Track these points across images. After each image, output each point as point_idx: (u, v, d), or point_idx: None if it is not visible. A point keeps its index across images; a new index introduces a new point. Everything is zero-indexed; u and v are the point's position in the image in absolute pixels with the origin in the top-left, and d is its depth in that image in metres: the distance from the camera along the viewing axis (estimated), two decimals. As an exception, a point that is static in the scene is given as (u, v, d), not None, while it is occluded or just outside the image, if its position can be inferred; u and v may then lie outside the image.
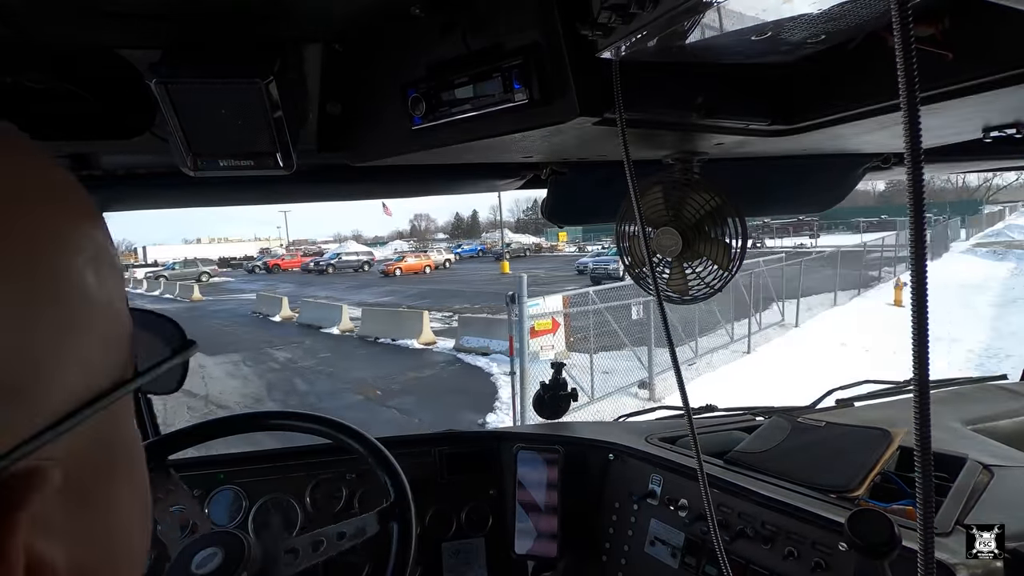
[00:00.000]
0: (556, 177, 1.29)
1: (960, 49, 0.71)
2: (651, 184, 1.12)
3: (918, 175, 0.39)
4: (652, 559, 1.20)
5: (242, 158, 0.89)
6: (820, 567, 0.92)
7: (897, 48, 0.37)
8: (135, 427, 0.33)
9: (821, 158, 1.35)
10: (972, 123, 1.02)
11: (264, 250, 64.64)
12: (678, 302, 1.19)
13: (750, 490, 1.07)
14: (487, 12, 0.78)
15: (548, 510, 1.41)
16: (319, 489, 1.44)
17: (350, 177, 1.22)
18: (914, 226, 0.39)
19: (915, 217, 0.39)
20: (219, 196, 1.36)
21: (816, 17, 0.68)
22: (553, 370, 1.71)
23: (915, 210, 0.39)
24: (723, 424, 1.52)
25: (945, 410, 1.54)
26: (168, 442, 1.07)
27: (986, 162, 1.64)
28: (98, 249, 0.28)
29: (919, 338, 0.39)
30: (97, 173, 1.14)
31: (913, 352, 0.39)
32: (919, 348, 0.39)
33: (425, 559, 1.47)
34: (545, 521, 1.41)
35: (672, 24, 0.60)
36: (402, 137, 0.91)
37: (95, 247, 0.28)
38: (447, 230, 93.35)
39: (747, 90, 0.93)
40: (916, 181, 0.39)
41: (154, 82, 0.79)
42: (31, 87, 0.81)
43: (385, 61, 0.91)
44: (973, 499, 0.96)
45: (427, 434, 1.61)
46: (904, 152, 0.39)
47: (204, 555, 0.85)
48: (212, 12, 0.76)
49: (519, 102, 0.78)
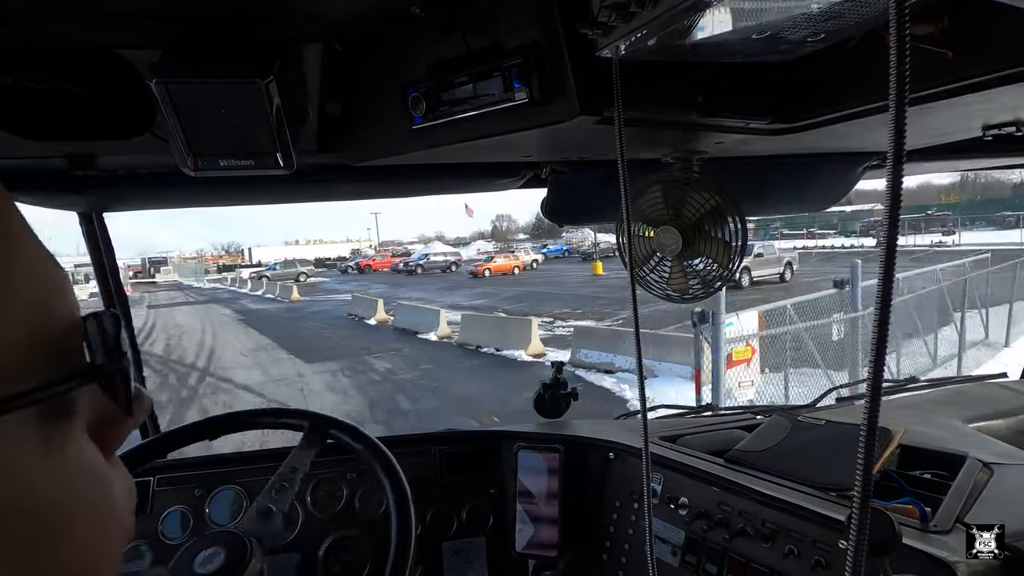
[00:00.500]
0: (556, 176, 1.29)
1: (959, 48, 0.71)
2: (651, 183, 1.12)
3: (898, 173, 0.39)
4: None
5: (242, 158, 0.89)
6: (820, 565, 0.92)
7: (892, 45, 0.37)
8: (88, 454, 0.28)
9: (821, 157, 1.35)
10: (971, 121, 1.02)
11: (355, 251, 66.14)
12: (678, 301, 1.20)
13: (750, 488, 1.07)
14: (487, 11, 0.78)
15: (549, 509, 1.41)
16: (319, 489, 1.44)
17: (350, 177, 1.22)
18: (888, 224, 0.39)
19: (891, 216, 0.39)
20: (219, 196, 1.36)
21: (816, 16, 0.68)
22: (553, 369, 1.71)
23: (891, 210, 0.39)
24: (723, 423, 1.52)
25: (945, 408, 1.54)
26: (167, 441, 1.07)
27: (985, 160, 1.64)
28: None
29: (879, 337, 0.40)
30: (97, 173, 1.14)
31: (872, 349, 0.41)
32: (878, 349, 0.40)
33: (425, 558, 1.48)
34: (546, 520, 1.41)
35: (672, 23, 0.60)
36: (402, 137, 0.91)
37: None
38: (528, 230, 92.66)
39: (747, 89, 0.93)
40: (896, 180, 0.39)
41: (154, 82, 0.79)
42: (31, 87, 0.81)
43: (385, 61, 0.91)
44: (973, 497, 0.96)
45: (427, 433, 1.61)
46: (887, 150, 0.39)
47: (206, 555, 0.85)
48: (212, 12, 0.76)
49: (519, 101, 0.78)
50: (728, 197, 1.07)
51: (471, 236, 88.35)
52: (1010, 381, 1.91)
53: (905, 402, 1.74)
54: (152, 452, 1.06)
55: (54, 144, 0.92)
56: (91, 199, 1.28)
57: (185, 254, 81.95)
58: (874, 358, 0.41)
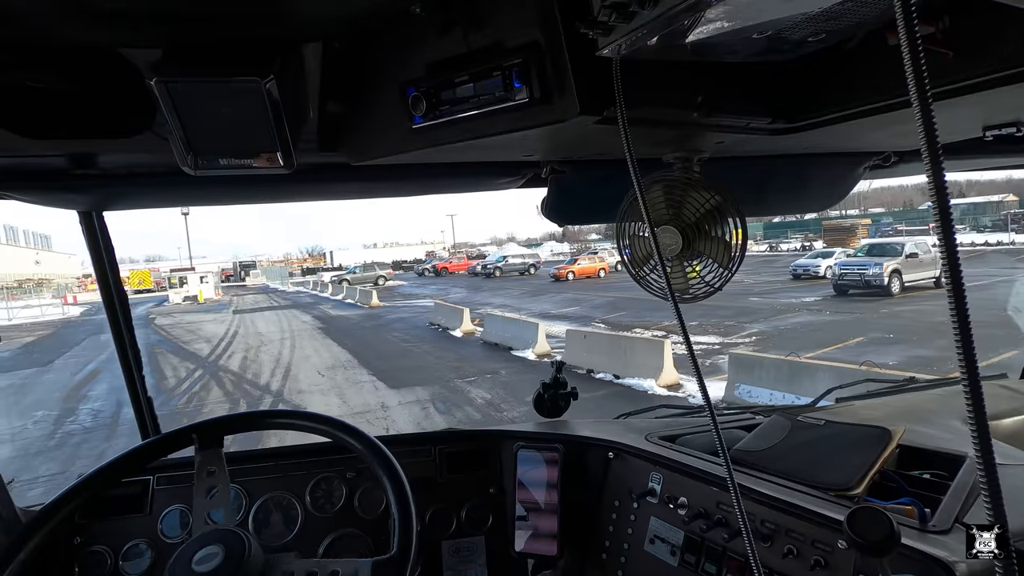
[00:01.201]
0: (556, 176, 1.29)
1: (960, 48, 0.71)
2: (651, 183, 1.12)
3: (938, 171, 0.39)
4: (652, 557, 1.20)
5: (242, 157, 0.89)
6: (819, 565, 0.92)
7: (904, 46, 0.37)
8: None
9: (822, 157, 1.35)
10: (972, 122, 1.02)
11: (429, 253, 65.83)
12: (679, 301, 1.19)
13: (750, 488, 1.07)
14: (487, 11, 0.78)
15: (548, 508, 1.41)
16: (319, 488, 1.44)
17: (350, 176, 1.22)
18: (940, 222, 0.39)
19: (941, 215, 0.39)
20: (219, 195, 1.36)
21: (817, 16, 0.68)
22: (553, 368, 1.71)
23: (940, 207, 0.39)
24: (723, 423, 1.52)
25: (945, 408, 1.54)
26: (166, 442, 1.07)
27: (986, 161, 1.64)
28: None
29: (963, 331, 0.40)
30: (97, 172, 1.14)
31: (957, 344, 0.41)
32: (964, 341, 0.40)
33: (425, 557, 1.48)
34: (545, 519, 1.41)
35: (672, 23, 0.60)
36: (402, 136, 0.91)
37: None
38: (600, 230, 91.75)
39: (748, 89, 0.93)
40: (937, 176, 0.39)
41: (154, 81, 0.79)
42: (32, 86, 0.81)
43: (385, 60, 0.91)
44: (972, 497, 0.96)
45: (427, 432, 1.61)
46: (922, 148, 0.39)
47: (205, 553, 0.85)
48: (213, 11, 0.76)
49: (519, 100, 0.78)
50: (728, 197, 1.07)
51: (542, 237, 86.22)
52: (1010, 381, 1.91)
53: (905, 402, 1.74)
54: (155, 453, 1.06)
55: (54, 143, 0.92)
56: (91, 198, 1.28)
57: (273, 258, 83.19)
58: (962, 345, 0.41)
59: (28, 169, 1.07)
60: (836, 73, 0.87)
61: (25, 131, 0.85)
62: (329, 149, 1.04)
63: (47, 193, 1.16)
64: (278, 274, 48.88)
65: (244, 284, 48.33)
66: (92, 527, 1.32)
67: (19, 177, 1.08)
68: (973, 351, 0.40)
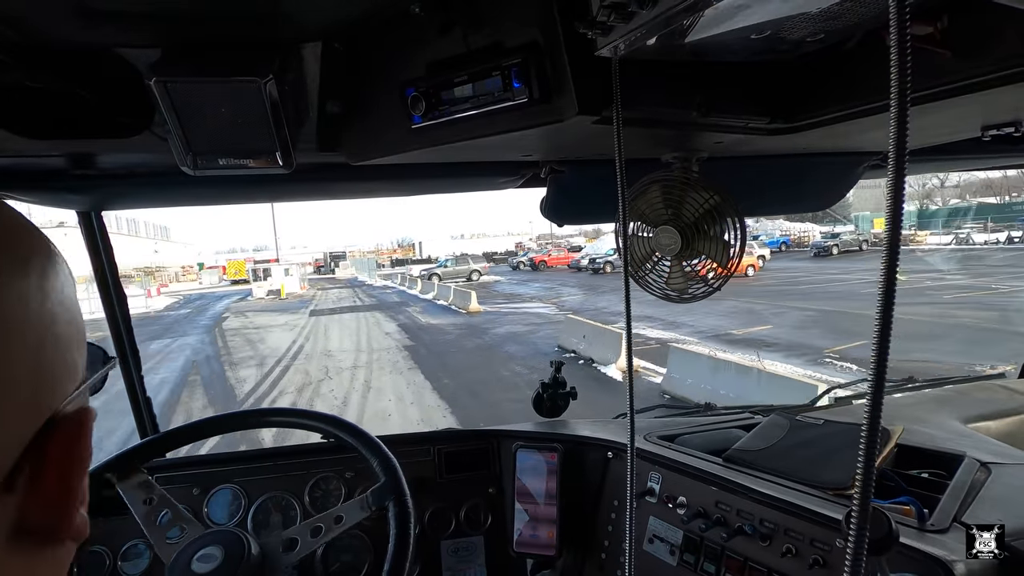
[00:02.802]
0: (555, 176, 1.29)
1: (958, 47, 0.71)
2: (650, 182, 1.12)
3: (900, 171, 0.39)
4: (651, 557, 1.20)
5: (241, 157, 0.89)
6: (818, 564, 0.92)
7: (892, 46, 0.37)
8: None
9: (821, 156, 1.35)
10: (970, 121, 1.02)
11: (518, 244, 61.93)
12: (677, 301, 1.20)
13: (748, 487, 1.07)
14: (486, 11, 0.78)
15: (547, 508, 1.41)
16: (318, 487, 1.44)
17: (350, 176, 1.22)
18: (890, 224, 0.39)
19: (892, 212, 0.39)
20: (219, 195, 1.36)
21: (816, 16, 0.68)
22: (552, 368, 1.71)
23: (893, 206, 0.39)
24: (721, 422, 1.52)
25: (943, 408, 1.54)
26: (164, 441, 1.08)
27: (984, 161, 1.64)
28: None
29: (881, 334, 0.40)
30: (96, 172, 1.14)
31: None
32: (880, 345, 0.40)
33: (424, 557, 1.48)
34: (544, 519, 1.41)
35: (671, 23, 0.60)
36: (401, 136, 0.91)
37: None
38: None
39: (746, 88, 0.93)
40: (897, 178, 0.39)
41: (153, 81, 0.79)
42: (31, 86, 0.81)
43: (385, 60, 0.91)
44: (971, 496, 0.97)
45: (426, 432, 1.61)
46: (889, 149, 0.39)
47: (204, 554, 0.85)
48: (212, 11, 0.76)
49: (518, 100, 0.78)
50: (727, 197, 1.07)
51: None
52: (1008, 381, 1.91)
53: (903, 401, 1.74)
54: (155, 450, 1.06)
55: (53, 143, 0.92)
56: (90, 198, 1.28)
57: (364, 248, 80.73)
58: (876, 354, 0.41)
59: (27, 169, 1.07)
60: (835, 73, 0.87)
61: (24, 131, 0.85)
62: (328, 149, 1.04)
63: (46, 193, 1.16)
64: (367, 266, 45.73)
65: (333, 276, 46.18)
66: (90, 527, 1.32)
67: (18, 177, 1.08)
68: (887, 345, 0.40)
